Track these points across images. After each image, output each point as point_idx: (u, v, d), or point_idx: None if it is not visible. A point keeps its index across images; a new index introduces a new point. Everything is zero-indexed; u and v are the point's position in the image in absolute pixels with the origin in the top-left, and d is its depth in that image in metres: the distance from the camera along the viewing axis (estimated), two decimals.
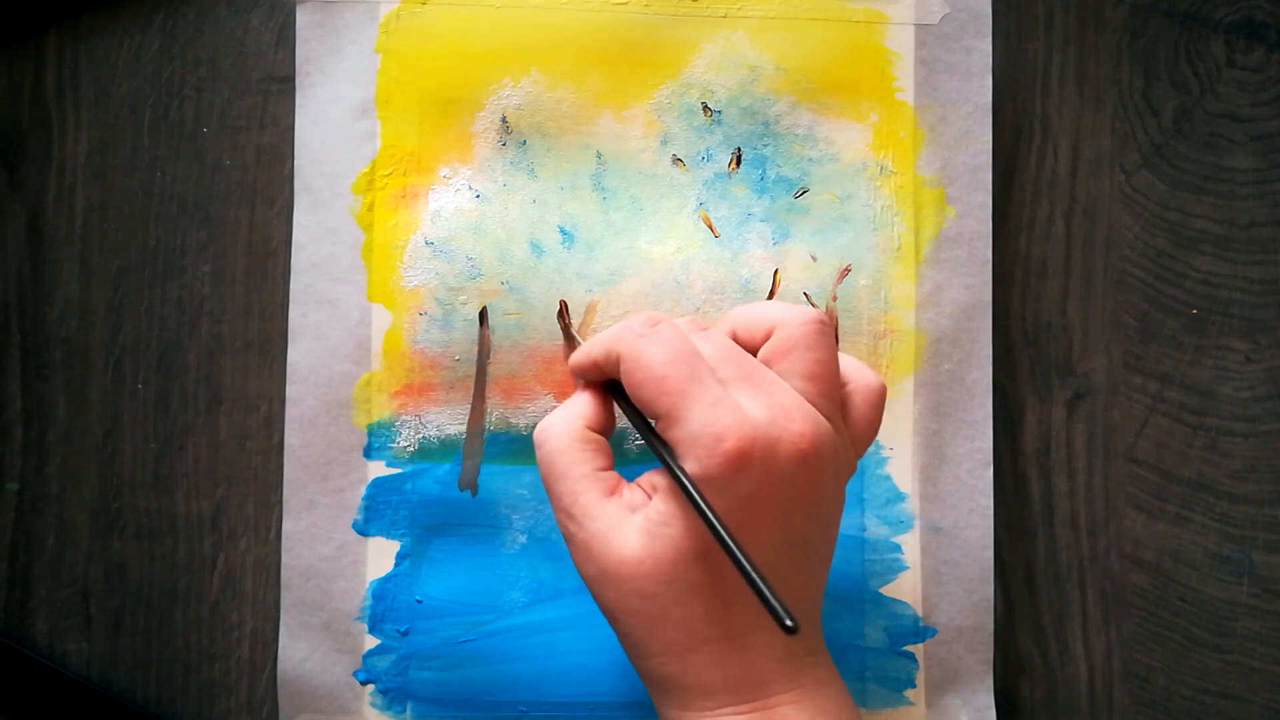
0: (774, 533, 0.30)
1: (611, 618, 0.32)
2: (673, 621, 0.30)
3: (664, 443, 0.30)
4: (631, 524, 0.31)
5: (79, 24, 0.43)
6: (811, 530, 0.31)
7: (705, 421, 0.29)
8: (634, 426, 0.33)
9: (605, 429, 0.34)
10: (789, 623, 0.26)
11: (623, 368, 0.31)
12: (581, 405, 0.34)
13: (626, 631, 0.31)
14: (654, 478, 0.32)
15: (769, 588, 0.27)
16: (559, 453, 0.32)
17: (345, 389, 0.42)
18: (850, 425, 0.33)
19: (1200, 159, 0.45)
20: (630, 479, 0.33)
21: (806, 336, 0.32)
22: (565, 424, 0.33)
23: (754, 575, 0.27)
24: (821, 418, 0.31)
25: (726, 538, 0.28)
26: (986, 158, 0.43)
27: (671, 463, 0.30)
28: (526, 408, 0.42)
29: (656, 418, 0.30)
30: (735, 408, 0.29)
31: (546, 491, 0.33)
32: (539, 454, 0.33)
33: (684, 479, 0.29)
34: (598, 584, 0.31)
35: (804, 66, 0.43)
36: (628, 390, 0.31)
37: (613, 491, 0.32)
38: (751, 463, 0.29)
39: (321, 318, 0.42)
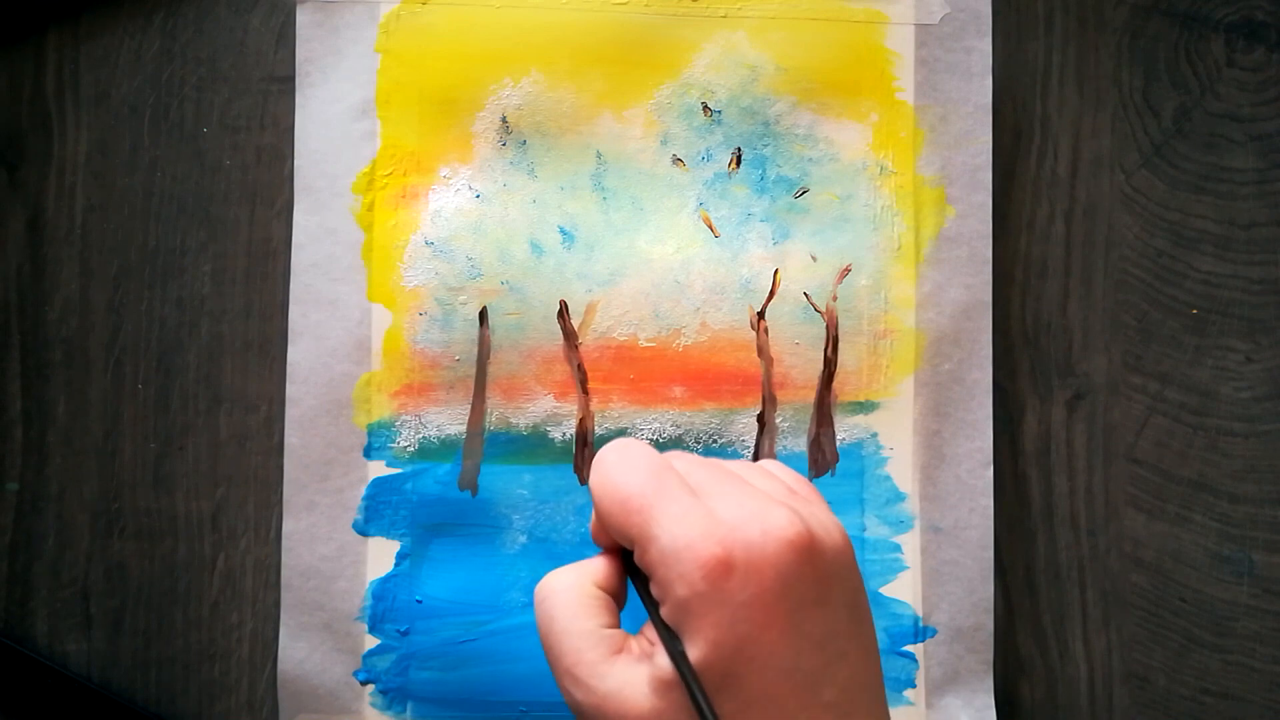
0: (791, 637, 0.27)
1: None
2: None
3: (648, 592, 0.29)
4: (641, 677, 0.28)
5: (79, 24, 0.43)
6: (835, 621, 0.28)
7: (675, 534, 0.27)
8: (637, 593, 0.31)
9: (616, 593, 0.31)
10: None
11: (594, 502, 0.30)
12: (594, 565, 0.31)
13: None
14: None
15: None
16: (560, 607, 0.30)
17: (345, 389, 0.42)
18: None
19: (1200, 159, 0.45)
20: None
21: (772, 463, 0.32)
22: (571, 580, 0.30)
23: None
24: (804, 505, 0.29)
25: (692, 685, 0.27)
26: (986, 158, 0.43)
27: (651, 606, 0.29)
28: (526, 408, 0.42)
29: (632, 547, 0.29)
30: (706, 515, 0.27)
31: (545, 653, 0.30)
32: (539, 610, 0.30)
33: (660, 624, 0.28)
34: None
35: (804, 66, 0.43)
36: (604, 526, 0.30)
37: (620, 649, 0.29)
38: (735, 566, 0.27)
39: (321, 318, 0.42)
